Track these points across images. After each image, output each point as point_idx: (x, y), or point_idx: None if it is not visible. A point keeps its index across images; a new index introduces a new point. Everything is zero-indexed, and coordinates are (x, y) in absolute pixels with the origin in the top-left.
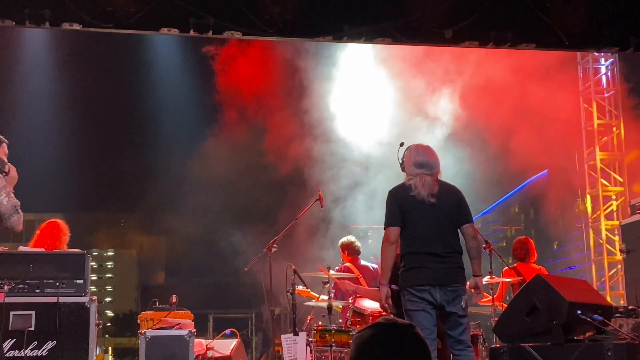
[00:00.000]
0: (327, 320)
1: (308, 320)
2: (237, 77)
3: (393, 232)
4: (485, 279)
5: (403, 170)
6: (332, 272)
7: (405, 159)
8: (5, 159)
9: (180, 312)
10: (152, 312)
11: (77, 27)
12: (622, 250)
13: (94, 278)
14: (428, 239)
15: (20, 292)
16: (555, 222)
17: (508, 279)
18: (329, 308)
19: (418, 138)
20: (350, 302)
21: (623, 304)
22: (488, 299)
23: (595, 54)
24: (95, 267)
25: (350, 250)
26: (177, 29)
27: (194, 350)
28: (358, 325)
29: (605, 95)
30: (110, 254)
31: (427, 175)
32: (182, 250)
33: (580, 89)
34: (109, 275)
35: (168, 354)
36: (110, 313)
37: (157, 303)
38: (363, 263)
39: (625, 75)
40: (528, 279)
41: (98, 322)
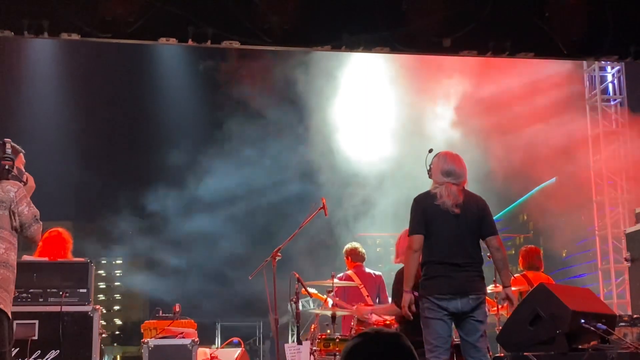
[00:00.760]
0: (331, 329)
1: (312, 329)
2: (242, 90)
3: (417, 239)
4: (490, 288)
5: (430, 177)
6: (335, 280)
7: (433, 166)
8: (23, 169)
9: (184, 321)
10: (155, 321)
11: (75, 37)
12: (627, 259)
13: (103, 286)
14: (450, 249)
15: (24, 301)
16: (564, 230)
17: (515, 287)
18: (333, 317)
19: (426, 146)
20: (354, 309)
21: (629, 313)
22: (493, 309)
23: (602, 62)
24: (104, 275)
25: (354, 256)
26: (175, 39)
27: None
28: None
29: (612, 103)
30: (119, 262)
31: (453, 185)
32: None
33: (587, 97)
34: (118, 284)
35: None
36: (119, 321)
37: (160, 312)
38: (367, 270)
39: (632, 83)
40: None
41: (101, 330)
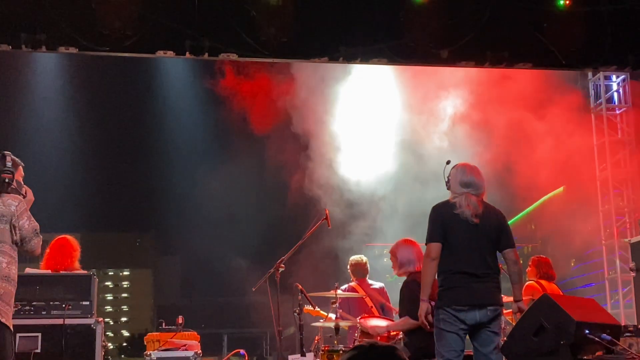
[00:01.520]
0: (334, 341)
1: (316, 341)
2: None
3: (434, 248)
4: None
5: (448, 189)
6: (339, 291)
7: (452, 177)
8: (22, 181)
9: (187, 333)
10: (158, 333)
11: (73, 50)
12: (632, 269)
13: (110, 298)
14: (468, 259)
15: (27, 314)
16: (572, 239)
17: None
18: (337, 328)
19: (434, 155)
20: (358, 321)
21: (635, 323)
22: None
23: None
24: (111, 287)
25: (358, 271)
26: (172, 52)
27: None
28: None
29: (617, 112)
30: (126, 274)
31: (472, 195)
32: (197, 270)
33: (592, 106)
34: (125, 295)
35: None
36: (126, 333)
37: (163, 324)
38: (370, 283)
39: (637, 92)
40: None
41: (104, 343)
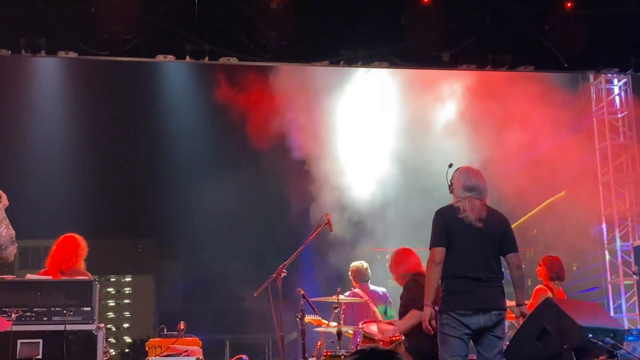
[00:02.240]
0: (336, 346)
1: (318, 346)
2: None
3: (438, 252)
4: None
5: (451, 193)
6: (341, 297)
7: (454, 181)
8: None
9: (189, 338)
10: (160, 339)
11: (72, 55)
12: (635, 273)
13: (112, 304)
14: (472, 264)
15: (28, 320)
16: (574, 243)
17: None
18: (339, 334)
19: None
20: (361, 326)
21: (638, 327)
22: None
23: (609, 75)
24: (113, 293)
25: (359, 277)
26: (173, 56)
27: None
28: None
29: (619, 116)
30: (128, 280)
31: (475, 199)
32: (199, 276)
33: (594, 110)
34: (127, 301)
35: None
36: (129, 339)
37: (165, 330)
38: (372, 288)
39: (639, 96)
40: None
41: (106, 349)
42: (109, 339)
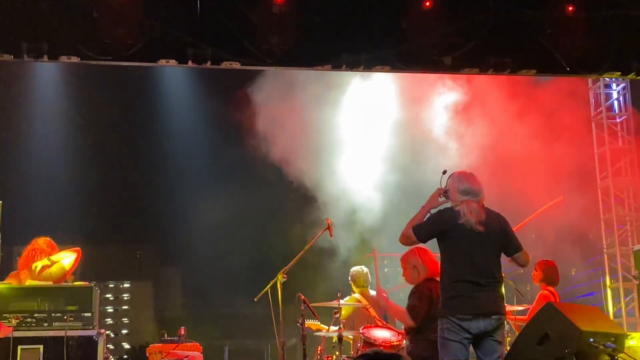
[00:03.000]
0: (337, 351)
1: (318, 351)
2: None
3: (415, 238)
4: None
5: (447, 199)
6: (342, 301)
7: (450, 187)
8: None
9: (189, 344)
10: (160, 344)
11: (75, 59)
12: (635, 277)
13: (110, 310)
14: (472, 268)
15: (28, 326)
16: (572, 248)
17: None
18: (339, 338)
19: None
20: (361, 331)
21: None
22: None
23: (607, 79)
24: (112, 299)
25: (356, 283)
26: (175, 60)
27: None
28: None
29: (617, 121)
30: (127, 286)
31: (473, 202)
32: (198, 281)
33: (592, 114)
34: (126, 308)
35: None
36: (127, 345)
37: (165, 335)
38: (372, 293)
39: (637, 100)
40: None
41: (106, 355)
42: (108, 346)
